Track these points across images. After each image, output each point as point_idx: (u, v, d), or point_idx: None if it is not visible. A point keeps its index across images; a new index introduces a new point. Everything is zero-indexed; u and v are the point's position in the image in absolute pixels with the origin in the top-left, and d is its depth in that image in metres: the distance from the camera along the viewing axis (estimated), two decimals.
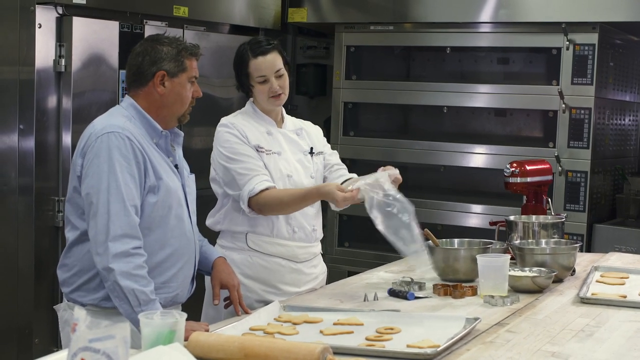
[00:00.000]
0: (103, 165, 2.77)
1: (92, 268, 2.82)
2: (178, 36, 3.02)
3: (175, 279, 2.93)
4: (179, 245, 2.93)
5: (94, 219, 2.76)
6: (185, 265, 2.96)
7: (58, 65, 4.36)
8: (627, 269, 3.67)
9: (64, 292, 2.94)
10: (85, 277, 2.86)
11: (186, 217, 2.97)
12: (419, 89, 5.67)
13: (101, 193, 2.75)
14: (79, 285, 2.87)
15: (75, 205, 2.86)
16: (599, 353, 2.46)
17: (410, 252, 3.09)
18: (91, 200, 2.76)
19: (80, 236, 2.85)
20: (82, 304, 2.86)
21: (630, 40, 5.68)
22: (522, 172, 3.87)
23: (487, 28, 5.44)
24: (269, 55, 3.33)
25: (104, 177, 2.76)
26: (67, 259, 2.90)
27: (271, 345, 2.25)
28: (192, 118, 3.07)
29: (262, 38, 3.43)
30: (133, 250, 2.75)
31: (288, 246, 3.37)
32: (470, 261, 3.34)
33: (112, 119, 2.87)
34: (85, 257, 2.84)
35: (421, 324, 2.67)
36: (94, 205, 2.76)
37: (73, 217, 2.88)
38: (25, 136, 4.31)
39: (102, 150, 2.78)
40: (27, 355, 4.28)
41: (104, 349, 1.63)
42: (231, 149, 3.30)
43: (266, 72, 3.32)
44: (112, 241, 2.72)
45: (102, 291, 2.83)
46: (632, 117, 5.85)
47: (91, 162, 2.79)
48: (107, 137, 2.79)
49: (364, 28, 5.74)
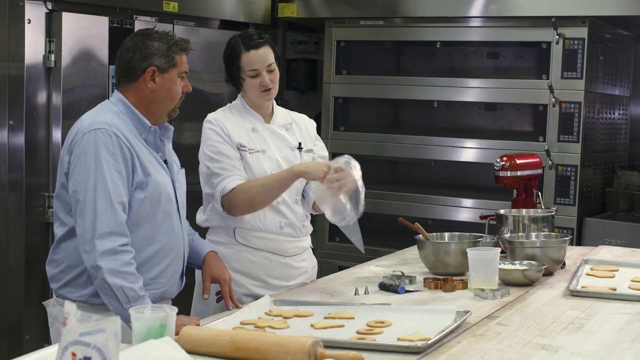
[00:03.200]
0: (90, 163, 2.76)
1: (80, 264, 2.81)
2: (168, 31, 3.01)
3: (163, 274, 2.92)
4: (167, 241, 2.92)
5: (81, 217, 2.75)
6: (173, 261, 2.96)
7: (48, 61, 4.35)
8: (617, 262, 3.68)
9: (52, 288, 2.93)
10: (74, 273, 2.85)
11: (175, 213, 2.97)
12: (409, 83, 5.67)
13: (88, 190, 2.75)
14: (67, 281, 2.86)
15: (63, 202, 2.85)
16: (589, 345, 2.47)
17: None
18: (78, 198, 2.76)
19: (68, 232, 2.85)
20: (71, 300, 2.84)
21: (620, 35, 5.70)
22: (512, 166, 3.88)
23: (477, 22, 5.45)
24: (261, 49, 3.32)
25: (91, 175, 2.75)
26: (56, 255, 2.90)
27: (262, 339, 2.26)
28: (182, 113, 3.07)
29: (253, 32, 3.41)
30: (120, 248, 2.74)
31: (276, 240, 3.37)
32: (461, 255, 3.35)
33: (100, 115, 2.86)
34: (73, 253, 2.84)
35: (412, 317, 2.67)
36: (80, 203, 2.75)
37: (61, 213, 2.87)
38: (15, 132, 4.30)
39: (89, 147, 2.77)
40: (17, 351, 4.27)
41: (94, 343, 1.63)
42: (212, 148, 3.29)
43: (258, 66, 3.32)
44: (99, 239, 2.72)
45: (90, 287, 2.82)
46: (622, 111, 5.87)
47: (78, 159, 2.78)
48: (94, 133, 2.78)
49: (354, 23, 5.75)
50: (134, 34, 2.99)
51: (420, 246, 3.49)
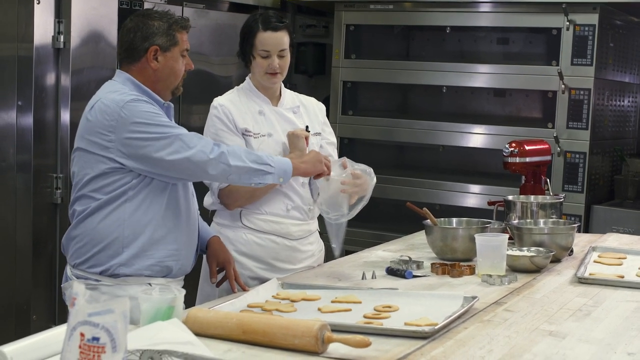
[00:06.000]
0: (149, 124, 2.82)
1: (104, 238, 2.86)
2: (167, 10, 3.02)
3: (184, 246, 2.98)
4: (186, 211, 2.98)
5: (180, 153, 2.80)
6: (192, 233, 3.03)
7: (57, 42, 4.34)
8: (625, 249, 3.68)
9: (71, 264, 2.96)
10: (98, 247, 2.88)
11: (190, 185, 3.05)
12: (418, 68, 5.66)
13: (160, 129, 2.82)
14: (90, 256, 2.89)
15: (103, 180, 2.87)
16: (596, 332, 2.47)
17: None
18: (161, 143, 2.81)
19: (98, 206, 2.87)
20: (94, 275, 2.89)
21: (631, 21, 5.67)
22: (521, 152, 3.87)
23: (487, 8, 5.43)
24: (278, 32, 3.32)
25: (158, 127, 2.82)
26: (77, 230, 2.92)
27: (269, 322, 2.26)
28: (190, 96, 3.07)
29: (274, 14, 3.41)
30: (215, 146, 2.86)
31: (282, 223, 3.37)
32: (469, 240, 3.35)
33: (121, 92, 2.87)
34: (99, 226, 2.87)
35: (419, 302, 2.67)
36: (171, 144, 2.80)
37: (94, 192, 2.88)
38: (24, 113, 4.30)
39: (143, 113, 2.82)
40: (25, 332, 4.25)
41: (102, 323, 1.63)
42: (214, 135, 3.29)
43: (270, 48, 3.31)
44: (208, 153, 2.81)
45: (115, 259, 2.87)
46: (632, 99, 5.85)
47: (136, 130, 2.81)
48: (134, 104, 2.83)
49: (363, 7, 5.73)
50: (134, 14, 3.01)
51: (428, 231, 3.49)
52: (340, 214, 3.10)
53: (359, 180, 3.09)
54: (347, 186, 3.07)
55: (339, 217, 3.11)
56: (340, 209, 3.10)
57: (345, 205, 3.09)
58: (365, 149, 5.91)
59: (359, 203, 3.11)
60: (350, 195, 3.07)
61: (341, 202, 3.09)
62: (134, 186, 2.86)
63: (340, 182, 3.07)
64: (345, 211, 3.10)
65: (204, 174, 2.88)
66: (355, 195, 3.09)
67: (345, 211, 3.10)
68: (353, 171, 3.09)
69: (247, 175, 2.88)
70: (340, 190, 3.06)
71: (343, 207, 3.09)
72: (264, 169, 2.89)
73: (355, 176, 3.08)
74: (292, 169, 2.96)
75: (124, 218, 2.86)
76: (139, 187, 2.87)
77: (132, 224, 2.87)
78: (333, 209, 3.11)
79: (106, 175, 2.86)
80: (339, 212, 3.10)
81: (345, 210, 3.10)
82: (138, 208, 2.88)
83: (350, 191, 3.07)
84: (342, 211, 3.09)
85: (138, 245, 2.88)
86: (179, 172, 2.86)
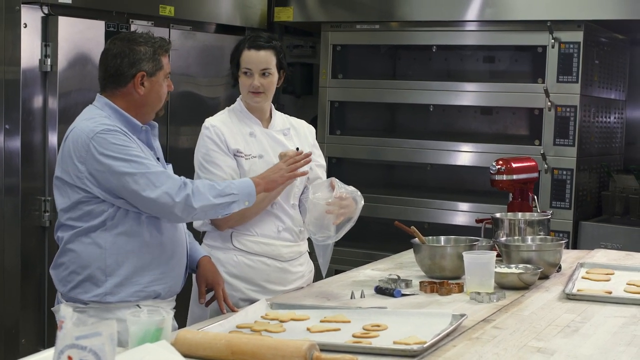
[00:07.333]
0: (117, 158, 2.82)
1: (91, 264, 2.85)
2: (148, 31, 3.03)
3: (173, 268, 2.98)
4: (174, 233, 2.99)
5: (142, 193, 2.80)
6: (181, 255, 3.02)
7: (44, 65, 4.35)
8: (612, 265, 3.69)
9: (61, 292, 2.94)
10: (85, 273, 2.86)
11: None
12: (405, 87, 5.68)
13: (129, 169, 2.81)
14: (78, 282, 2.88)
15: (79, 210, 2.86)
16: (585, 348, 2.48)
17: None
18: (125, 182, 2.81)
19: (80, 232, 2.86)
20: (84, 301, 2.87)
21: (615, 38, 5.71)
22: (508, 169, 3.88)
23: (473, 26, 5.46)
24: (261, 52, 3.33)
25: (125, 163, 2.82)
26: (63, 258, 2.91)
27: (258, 343, 2.26)
28: (177, 117, 3.08)
29: (265, 34, 3.43)
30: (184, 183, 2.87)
31: (273, 245, 3.37)
32: (457, 258, 3.35)
33: (95, 121, 2.87)
34: (84, 252, 2.86)
35: (408, 320, 2.67)
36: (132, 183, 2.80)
37: (72, 221, 2.87)
38: (11, 136, 4.30)
39: (112, 146, 2.82)
40: (14, 355, 4.26)
41: (90, 346, 1.63)
42: (206, 156, 3.30)
43: (252, 66, 3.33)
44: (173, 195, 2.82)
45: (104, 286, 2.85)
46: (618, 115, 5.88)
47: (103, 163, 2.80)
48: (103, 135, 2.82)
49: (350, 27, 5.75)
50: (116, 38, 3.00)
51: (416, 250, 3.50)
52: (326, 236, 3.12)
53: (345, 201, 3.10)
54: (333, 207, 3.08)
55: (326, 239, 3.13)
56: (326, 230, 3.11)
57: (331, 226, 3.10)
58: (354, 168, 5.93)
59: (346, 225, 3.13)
60: (337, 217, 3.09)
61: (327, 224, 3.10)
62: (112, 216, 2.86)
63: (326, 204, 3.08)
64: (332, 233, 3.11)
65: (170, 215, 2.88)
66: (341, 217, 3.10)
67: (332, 233, 3.11)
68: (340, 194, 3.10)
69: (212, 211, 2.93)
70: (325, 211, 3.08)
71: (330, 229, 3.11)
72: (228, 200, 2.93)
73: (341, 198, 3.10)
74: (254, 188, 2.99)
75: (105, 247, 2.85)
76: (118, 217, 2.86)
77: (114, 253, 2.86)
78: (320, 230, 3.12)
79: (83, 204, 2.86)
80: (325, 233, 3.11)
81: (332, 232, 3.11)
82: (118, 237, 2.87)
83: (336, 212, 3.08)
84: (328, 233, 3.11)
85: (122, 274, 2.87)
86: (146, 209, 2.86)
